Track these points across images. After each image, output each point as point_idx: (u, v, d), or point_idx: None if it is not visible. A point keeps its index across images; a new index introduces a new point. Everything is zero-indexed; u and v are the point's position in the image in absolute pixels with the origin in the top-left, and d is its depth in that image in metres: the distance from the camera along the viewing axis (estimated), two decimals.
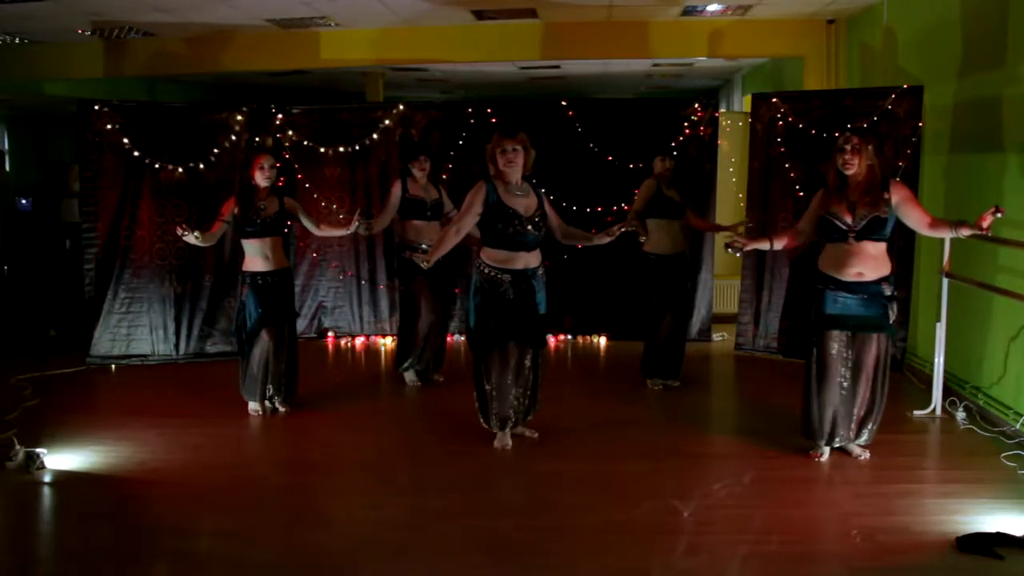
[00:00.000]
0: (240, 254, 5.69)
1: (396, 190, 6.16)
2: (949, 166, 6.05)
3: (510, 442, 4.97)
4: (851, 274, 4.48)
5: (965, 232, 4.30)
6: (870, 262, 4.45)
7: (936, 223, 4.48)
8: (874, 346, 4.53)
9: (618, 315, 7.84)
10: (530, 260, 4.83)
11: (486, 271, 4.81)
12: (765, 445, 4.93)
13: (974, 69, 5.69)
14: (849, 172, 4.44)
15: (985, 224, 4.14)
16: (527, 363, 4.95)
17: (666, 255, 5.99)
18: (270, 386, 5.59)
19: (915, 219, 4.43)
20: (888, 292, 4.50)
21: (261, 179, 5.48)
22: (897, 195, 4.42)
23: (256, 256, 5.50)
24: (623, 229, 4.89)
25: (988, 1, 5.52)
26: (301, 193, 7.64)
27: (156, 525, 4.02)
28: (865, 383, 4.55)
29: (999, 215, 4.12)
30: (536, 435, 5.08)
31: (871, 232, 4.41)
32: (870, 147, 4.45)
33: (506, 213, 4.72)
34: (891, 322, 4.55)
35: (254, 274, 5.51)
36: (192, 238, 5.26)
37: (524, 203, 4.79)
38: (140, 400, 6.10)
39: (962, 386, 5.67)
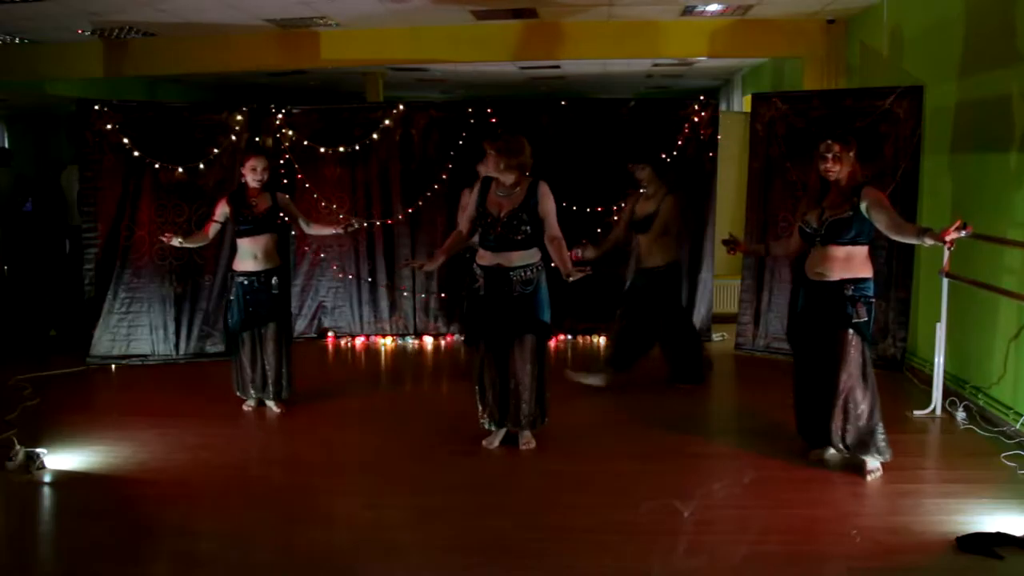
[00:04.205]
0: None
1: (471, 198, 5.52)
2: (950, 166, 6.05)
3: (495, 443, 4.94)
4: (812, 273, 4.56)
5: (929, 241, 4.21)
6: (834, 264, 4.45)
7: (902, 227, 4.38)
8: (845, 345, 4.45)
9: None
10: (500, 260, 4.74)
11: (474, 266, 4.89)
12: (765, 445, 4.93)
13: (975, 69, 5.69)
14: (831, 179, 4.47)
15: (948, 239, 4.02)
16: (506, 363, 4.80)
17: (645, 268, 6.06)
18: (268, 386, 5.60)
19: (883, 222, 4.36)
20: (849, 292, 4.43)
21: (252, 180, 5.48)
22: (867, 199, 4.38)
23: (246, 255, 5.50)
24: (579, 275, 4.49)
25: (988, 0, 5.53)
26: (301, 193, 7.63)
27: (156, 525, 4.02)
28: (841, 381, 4.47)
29: (964, 233, 3.97)
30: (531, 444, 4.91)
31: (834, 235, 4.43)
32: (851, 152, 4.45)
33: (481, 212, 4.78)
34: (858, 322, 4.42)
35: (240, 274, 5.52)
36: (176, 242, 5.30)
37: (500, 203, 4.75)
38: (140, 400, 6.10)
39: (962, 386, 5.67)
